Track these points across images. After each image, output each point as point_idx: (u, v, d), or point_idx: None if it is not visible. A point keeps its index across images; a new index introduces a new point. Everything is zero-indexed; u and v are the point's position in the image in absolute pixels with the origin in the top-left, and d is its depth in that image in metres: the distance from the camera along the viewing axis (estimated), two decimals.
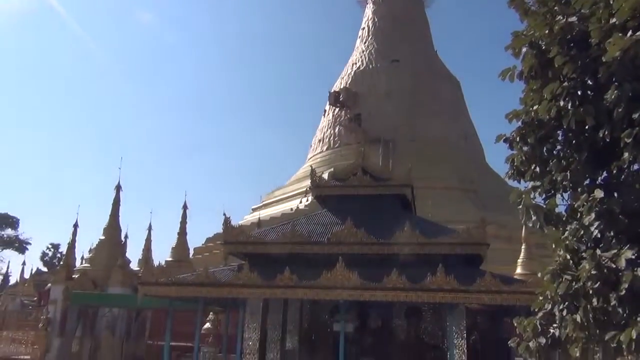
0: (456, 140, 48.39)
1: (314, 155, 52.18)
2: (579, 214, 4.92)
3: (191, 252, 38.13)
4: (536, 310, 5.26)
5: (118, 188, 32.10)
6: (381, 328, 22.69)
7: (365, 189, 20.77)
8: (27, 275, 51.49)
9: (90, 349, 26.88)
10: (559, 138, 5.36)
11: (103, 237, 31.08)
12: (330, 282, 15.68)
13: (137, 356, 25.28)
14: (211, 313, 25.86)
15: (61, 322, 27.89)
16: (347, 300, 16.17)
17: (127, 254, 30.30)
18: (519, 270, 27.80)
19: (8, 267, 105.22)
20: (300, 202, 42.43)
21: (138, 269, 30.37)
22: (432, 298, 15.51)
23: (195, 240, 57.83)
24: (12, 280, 60.34)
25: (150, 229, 33.74)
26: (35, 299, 40.87)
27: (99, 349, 26.88)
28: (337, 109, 52.65)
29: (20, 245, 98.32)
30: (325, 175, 25.19)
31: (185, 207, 36.06)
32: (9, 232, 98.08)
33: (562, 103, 5.03)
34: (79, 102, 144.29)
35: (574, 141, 5.18)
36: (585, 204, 4.80)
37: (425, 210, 26.28)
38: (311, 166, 26.91)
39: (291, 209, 40.96)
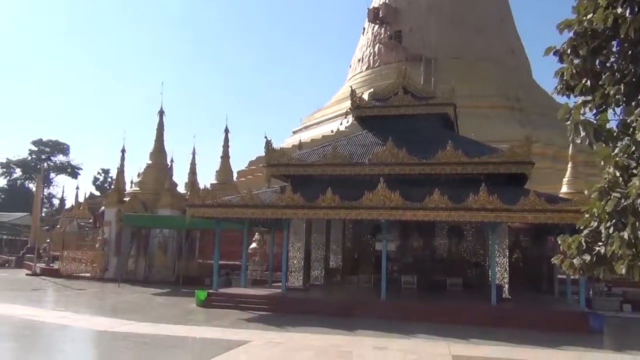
0: (501, 56, 46.37)
1: (353, 76, 51.21)
2: (631, 130, 4.73)
3: (234, 175, 39.01)
4: (581, 228, 5.20)
5: (161, 113, 32.64)
6: (422, 247, 23.10)
7: (406, 109, 20.44)
8: (81, 199, 53.90)
9: (144, 266, 28.50)
10: (614, 49, 5.06)
11: (150, 162, 32.04)
12: (372, 203, 15.85)
13: (188, 273, 26.64)
14: (257, 233, 26.76)
15: (116, 242, 29.49)
16: (388, 220, 16.38)
17: (173, 178, 31.23)
18: (564, 189, 27.35)
19: (63, 192, 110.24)
20: (341, 123, 42.21)
21: (185, 191, 31.36)
22: (474, 217, 15.52)
23: (238, 163, 58.94)
24: (68, 204, 63.35)
25: (194, 153, 34.44)
26: (91, 221, 43.10)
27: (152, 266, 28.46)
28: (376, 26, 50.92)
29: (73, 171, 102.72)
30: (366, 96, 24.83)
31: (227, 130, 36.57)
32: (60, 158, 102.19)
33: (619, 10, 4.71)
34: (122, 25, 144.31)
35: (630, 52, 4.88)
36: (638, 119, 4.59)
37: (468, 129, 25.79)
38: (351, 87, 26.49)
39: (332, 131, 40.87)
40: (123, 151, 33.66)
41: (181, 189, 32.31)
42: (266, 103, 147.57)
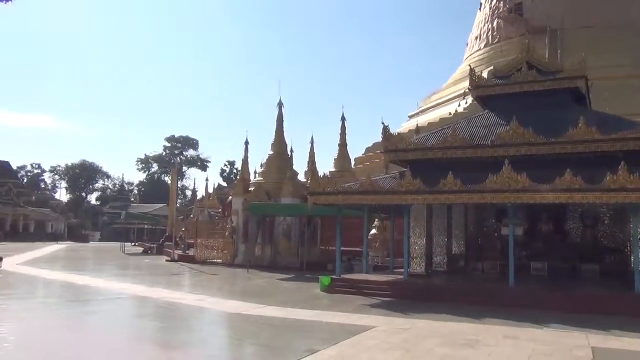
0: (637, 22, 41.94)
1: (471, 55, 49.19)
2: None
3: (352, 162, 39.33)
4: None
5: (280, 105, 33.75)
6: (553, 231, 21.70)
7: (531, 85, 19.25)
8: (211, 190, 57.46)
9: (270, 253, 29.80)
10: None
11: (272, 153, 33.29)
12: (497, 186, 15.18)
13: (311, 260, 27.42)
14: (377, 220, 26.83)
15: (244, 230, 31.10)
16: (515, 204, 15.61)
17: (294, 167, 32.19)
18: None
19: (195, 184, 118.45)
20: (459, 105, 40.78)
21: (305, 180, 32.21)
22: (612, 199, 14.26)
23: (355, 151, 59.26)
24: (199, 195, 67.81)
25: (312, 142, 35.23)
26: (220, 210, 45.83)
27: (278, 253, 29.67)
28: (494, 1, 48.44)
29: (202, 164, 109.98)
30: (485, 74, 23.76)
31: (343, 119, 36.92)
32: (191, 152, 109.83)
33: None
34: (245, 22, 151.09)
35: None
36: None
37: (602, 103, 23.71)
38: (470, 66, 25.45)
39: (450, 113, 39.64)
40: (247, 143, 35.31)
41: (301, 177, 33.27)
42: (381, 89, 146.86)
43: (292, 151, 32.87)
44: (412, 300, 15.44)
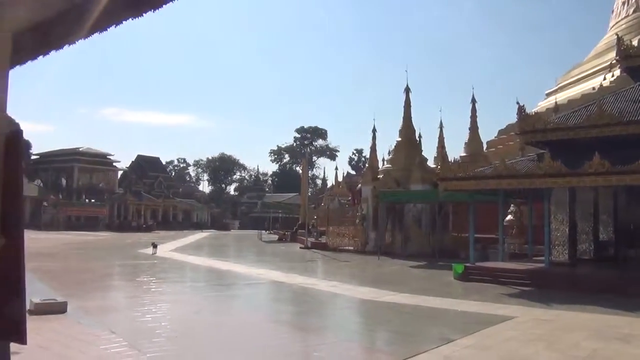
0: None
1: (617, 22, 44.59)
2: None
3: (484, 146, 37.73)
4: None
5: (407, 90, 33.27)
6: None
7: None
8: (340, 179, 58.46)
9: (401, 240, 29.64)
10: None
11: (399, 139, 32.99)
12: None
13: (443, 247, 26.82)
14: (512, 205, 25.50)
15: (374, 217, 31.25)
16: None
17: (422, 153, 31.65)
18: None
19: (324, 173, 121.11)
20: (604, 78, 37.24)
21: (434, 166, 31.52)
22: None
23: (486, 134, 56.78)
24: (329, 183, 69.32)
25: (441, 126, 34.36)
26: (349, 198, 46.44)
27: (408, 240, 29.42)
28: None
29: (331, 153, 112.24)
30: (635, 42, 21.42)
31: (473, 101, 35.49)
32: (320, 142, 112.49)
33: None
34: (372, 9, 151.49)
35: None
36: None
37: None
38: (616, 34, 23.09)
39: (593, 88, 36.35)
40: (374, 131, 35.41)
41: (430, 163, 32.60)
42: (514, 67, 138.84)
43: (420, 137, 32.35)
44: (553, 289, 14.50)
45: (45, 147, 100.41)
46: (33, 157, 79.59)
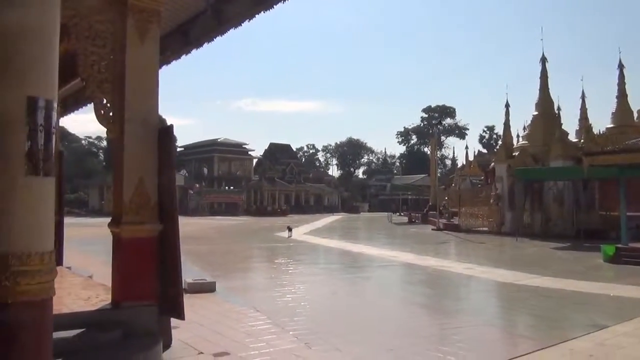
0: None
1: None
2: None
3: (635, 115, 34.14)
4: None
5: (543, 60, 31.12)
6: None
7: None
8: (470, 158, 56.38)
9: (540, 220, 27.97)
10: None
11: (536, 113, 31.02)
12: None
13: (589, 227, 24.84)
14: None
15: (509, 197, 29.80)
16: None
17: (562, 126, 29.47)
18: None
19: (454, 153, 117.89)
20: None
21: (576, 140, 29.22)
22: None
23: (638, 102, 51.31)
24: (459, 163, 67.14)
25: (583, 97, 31.69)
26: (482, 178, 44.68)
27: (549, 220, 27.68)
28: None
29: (460, 132, 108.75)
30: None
31: (621, 66, 32.18)
32: (448, 121, 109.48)
33: None
34: None
35: None
36: None
37: None
38: None
39: None
40: (507, 106, 33.60)
41: (571, 137, 30.26)
42: None
43: (559, 109, 30.12)
44: None
45: (188, 139, 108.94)
46: (178, 149, 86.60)
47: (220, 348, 6.32)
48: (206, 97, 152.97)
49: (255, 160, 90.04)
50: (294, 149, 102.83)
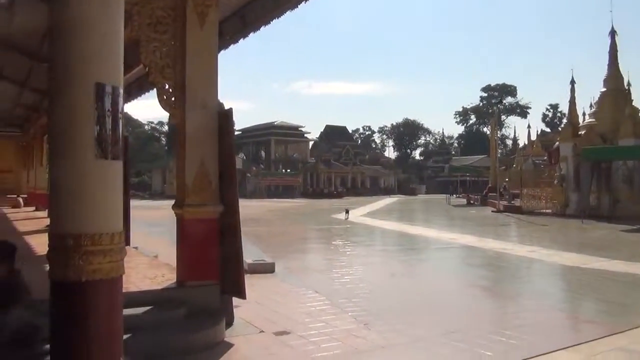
0: None
1: None
2: None
3: None
4: None
5: (612, 33, 29.49)
6: None
7: None
8: (533, 137, 54.49)
9: (608, 202, 26.74)
10: None
11: (604, 89, 29.54)
12: None
13: None
14: None
15: (575, 177, 28.63)
16: None
17: (632, 104, 27.94)
18: None
19: (515, 132, 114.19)
20: None
21: None
22: None
23: None
24: (520, 143, 65.05)
25: None
26: (545, 158, 43.11)
27: (617, 202, 26.44)
28: None
29: (522, 111, 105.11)
30: None
31: None
32: (509, 100, 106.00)
33: None
34: None
35: None
36: None
37: None
38: None
39: None
40: (572, 82, 32.14)
41: None
42: None
43: (629, 85, 28.56)
44: None
45: (245, 123, 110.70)
46: (236, 133, 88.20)
47: (280, 327, 6.44)
48: (262, 80, 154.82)
49: (311, 143, 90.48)
50: (350, 131, 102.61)
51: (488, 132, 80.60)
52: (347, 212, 28.77)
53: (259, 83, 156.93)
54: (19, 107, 18.39)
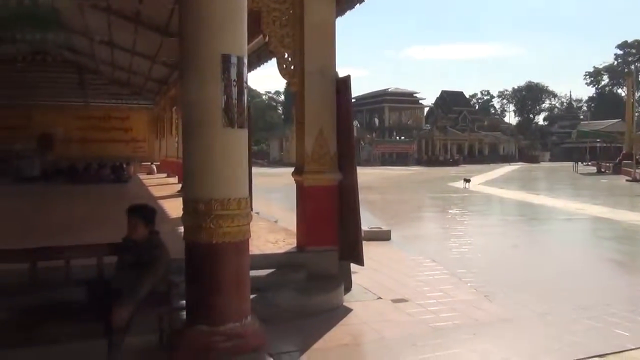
0: None
1: None
2: None
3: None
4: None
5: None
6: None
7: None
8: None
9: None
10: None
11: None
12: None
13: None
14: None
15: None
16: None
17: None
18: None
19: None
20: None
21: None
22: None
23: None
24: None
25: None
26: None
27: None
28: None
29: None
30: None
31: None
32: None
33: None
34: None
35: None
36: None
37: None
38: None
39: None
40: None
41: None
42: None
43: None
44: None
45: (358, 90, 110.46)
46: None
47: (398, 295, 6.43)
48: (375, 47, 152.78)
49: (426, 110, 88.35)
50: (467, 96, 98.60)
51: (623, 94, 73.56)
52: (466, 180, 27.87)
53: (372, 50, 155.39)
54: (150, 81, 19.81)
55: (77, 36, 16.04)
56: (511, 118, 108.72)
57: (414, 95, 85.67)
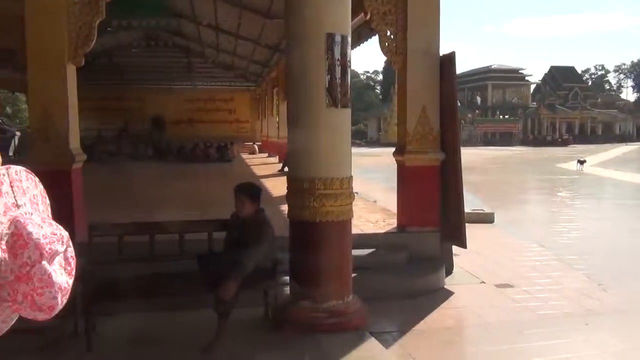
0: None
1: None
2: None
3: None
4: None
5: None
6: None
7: None
8: None
9: None
10: None
11: None
12: None
13: None
14: None
15: None
16: None
17: None
18: None
19: None
20: None
21: None
22: None
23: None
24: None
25: None
26: None
27: None
28: None
29: None
30: None
31: None
32: None
33: None
34: None
35: None
36: None
37: None
38: None
39: None
40: None
41: None
42: None
43: None
44: None
45: (459, 68, 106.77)
46: None
47: (502, 280, 6.20)
48: (475, 22, 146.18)
49: (532, 87, 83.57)
50: (579, 72, 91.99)
51: None
52: (580, 162, 26.02)
53: (472, 25, 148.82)
54: (253, 63, 20.38)
55: (186, 21, 16.81)
56: (629, 94, 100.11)
57: (520, 71, 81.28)
